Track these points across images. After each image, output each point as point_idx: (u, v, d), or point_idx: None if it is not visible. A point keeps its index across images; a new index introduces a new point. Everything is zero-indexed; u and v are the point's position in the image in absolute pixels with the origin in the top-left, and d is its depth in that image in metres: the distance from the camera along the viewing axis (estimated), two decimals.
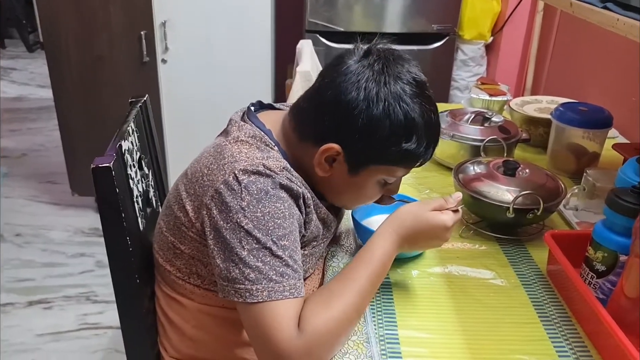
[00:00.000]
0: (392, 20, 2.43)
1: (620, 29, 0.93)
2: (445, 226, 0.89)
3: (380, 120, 0.82)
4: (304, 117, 0.89)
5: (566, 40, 2.12)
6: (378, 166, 0.87)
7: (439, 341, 0.86)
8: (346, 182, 0.90)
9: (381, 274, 0.87)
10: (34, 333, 2.01)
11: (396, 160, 0.87)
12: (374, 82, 0.82)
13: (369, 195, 0.94)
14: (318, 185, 0.92)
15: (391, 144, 0.84)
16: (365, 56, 0.85)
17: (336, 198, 0.96)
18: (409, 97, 0.83)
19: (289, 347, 0.75)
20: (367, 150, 0.85)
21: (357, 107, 0.82)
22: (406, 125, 0.83)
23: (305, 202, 0.87)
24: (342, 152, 0.85)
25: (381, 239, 0.88)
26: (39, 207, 2.81)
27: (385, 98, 0.82)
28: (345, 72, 0.83)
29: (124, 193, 0.90)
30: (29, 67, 4.89)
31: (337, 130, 0.85)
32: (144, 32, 2.29)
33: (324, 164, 0.87)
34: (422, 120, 0.84)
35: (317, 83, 0.89)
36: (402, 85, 0.83)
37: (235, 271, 0.78)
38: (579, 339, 0.86)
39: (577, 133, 1.35)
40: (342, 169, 0.88)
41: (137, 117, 1.07)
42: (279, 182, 0.82)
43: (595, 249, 0.88)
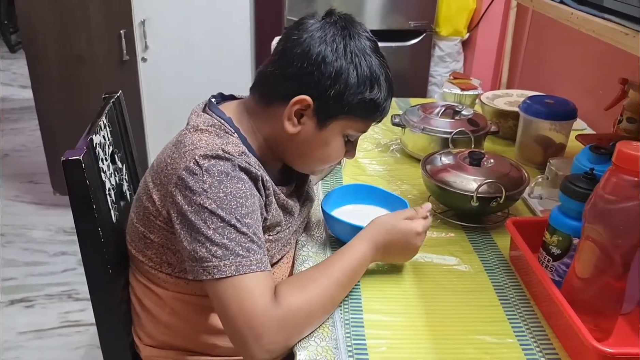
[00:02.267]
0: (370, 18, 2.46)
1: (574, 22, 0.97)
2: (416, 231, 0.95)
3: (349, 70, 0.89)
4: (271, 80, 0.94)
5: (538, 36, 2.17)
6: (345, 118, 0.93)
7: (402, 324, 0.89)
8: (314, 138, 0.94)
9: (356, 273, 0.92)
10: (16, 331, 2.02)
11: (361, 110, 0.93)
12: (340, 36, 0.89)
13: (333, 152, 0.98)
14: (285, 150, 0.97)
15: (358, 93, 0.90)
16: (327, 16, 0.92)
17: (302, 159, 0.99)
18: (371, 52, 0.91)
19: (263, 317, 0.78)
20: (335, 101, 0.90)
21: (326, 58, 0.88)
22: (370, 76, 0.90)
23: (264, 184, 0.90)
24: (313, 104, 0.90)
25: (360, 243, 0.94)
26: (21, 207, 2.81)
27: (352, 51, 0.89)
28: (311, 30, 0.90)
29: (95, 186, 0.92)
30: (11, 67, 4.87)
31: (307, 83, 0.89)
32: (124, 30, 2.31)
33: (293, 118, 0.91)
34: (383, 72, 0.92)
35: (280, 46, 0.94)
36: (364, 41, 0.91)
37: (202, 250, 0.81)
38: (536, 319, 0.90)
39: (544, 125, 1.39)
40: (311, 123, 0.92)
41: (110, 112, 1.09)
42: (238, 165, 0.85)
43: (551, 233, 0.92)
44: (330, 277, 0.87)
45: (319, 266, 0.90)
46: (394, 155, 1.49)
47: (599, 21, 0.89)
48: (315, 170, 1.06)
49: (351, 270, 0.90)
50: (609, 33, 0.85)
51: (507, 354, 0.83)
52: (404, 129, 1.46)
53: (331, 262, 0.90)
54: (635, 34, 0.79)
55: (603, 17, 0.90)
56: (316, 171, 1.09)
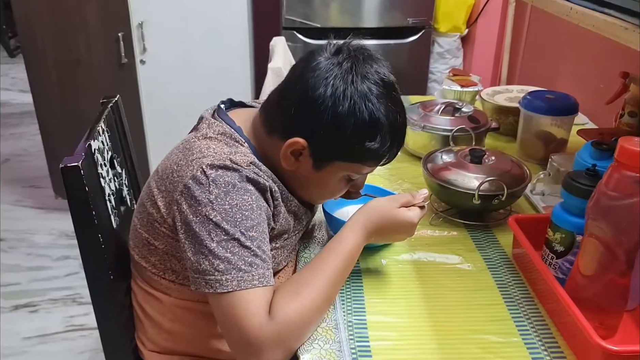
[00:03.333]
0: (368, 16, 2.45)
1: (573, 17, 0.97)
2: (412, 222, 0.93)
3: (346, 118, 0.84)
4: (273, 110, 0.92)
5: (538, 30, 2.16)
6: (342, 163, 0.90)
7: (405, 325, 0.88)
8: (311, 177, 0.92)
9: (349, 265, 0.90)
10: (20, 336, 2.02)
11: (360, 158, 0.90)
12: (341, 80, 0.84)
13: (333, 191, 0.97)
14: (286, 178, 0.95)
15: (355, 142, 0.86)
16: (336, 54, 0.87)
17: (302, 192, 0.98)
18: (375, 97, 0.85)
19: (259, 334, 0.78)
20: (331, 147, 0.88)
21: (323, 104, 0.84)
22: (370, 125, 0.85)
23: (272, 195, 0.89)
24: (307, 146, 0.87)
25: (350, 231, 0.91)
26: (23, 212, 2.81)
27: (352, 96, 0.84)
28: (314, 69, 0.86)
29: (95, 191, 0.92)
30: (10, 72, 4.86)
31: (303, 125, 0.87)
32: (122, 33, 2.30)
33: (289, 157, 0.89)
34: (387, 121, 0.86)
35: (288, 76, 0.92)
36: (368, 84, 0.85)
37: (205, 263, 0.80)
38: (540, 317, 0.90)
39: (545, 120, 1.39)
40: (307, 163, 0.90)
41: (108, 117, 1.08)
42: (246, 176, 0.84)
43: (554, 230, 0.91)
44: (323, 279, 0.85)
45: (312, 265, 0.87)
46: None
47: (598, 15, 0.89)
48: (316, 202, 1.04)
49: (344, 264, 0.88)
50: (608, 27, 0.84)
51: (511, 353, 0.83)
52: None
53: (324, 259, 0.88)
54: (634, 28, 0.78)
55: (602, 12, 0.90)
56: (317, 203, 1.06)
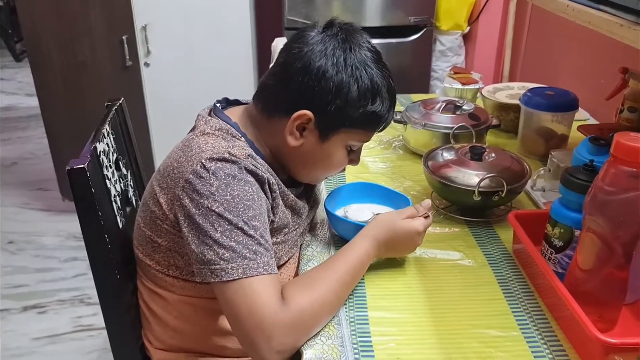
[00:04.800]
0: (370, 15, 2.46)
1: (570, 14, 0.98)
2: (417, 231, 0.97)
3: (349, 84, 0.89)
4: (272, 92, 0.95)
5: (539, 27, 2.17)
6: (347, 130, 0.94)
7: (407, 320, 0.90)
8: (316, 150, 0.95)
9: (359, 270, 0.93)
10: (29, 337, 2.05)
11: (363, 122, 0.94)
12: (340, 49, 0.89)
13: (337, 163, 1.00)
14: (288, 161, 0.98)
15: (359, 106, 0.91)
16: (328, 28, 0.92)
17: (306, 171, 1.01)
18: (372, 63, 0.91)
19: (273, 320, 0.79)
20: (337, 114, 0.91)
21: (327, 72, 0.88)
22: (372, 89, 0.91)
23: (270, 187, 0.91)
24: (314, 118, 0.91)
25: (363, 240, 0.94)
26: (31, 214, 2.84)
27: (352, 64, 0.89)
28: (311, 43, 0.90)
29: (101, 193, 0.94)
30: (17, 76, 4.91)
31: (308, 98, 0.90)
32: (126, 36, 2.33)
33: (295, 132, 0.92)
34: (385, 82, 0.92)
35: (281, 58, 0.94)
36: (364, 52, 0.91)
37: (210, 253, 0.82)
38: (540, 311, 0.91)
39: (545, 117, 1.39)
40: (312, 136, 0.93)
41: (112, 120, 1.10)
42: (245, 167, 0.86)
43: (553, 225, 0.92)
44: (335, 276, 0.88)
45: (324, 265, 0.91)
46: (397, 152, 1.49)
47: (593, 12, 0.90)
48: (318, 180, 1.08)
49: (355, 268, 0.91)
50: (603, 24, 0.85)
51: (512, 347, 0.84)
52: (405, 126, 1.46)
53: (335, 261, 0.91)
54: (629, 24, 0.79)
55: (598, 9, 0.91)
56: (319, 181, 1.11)
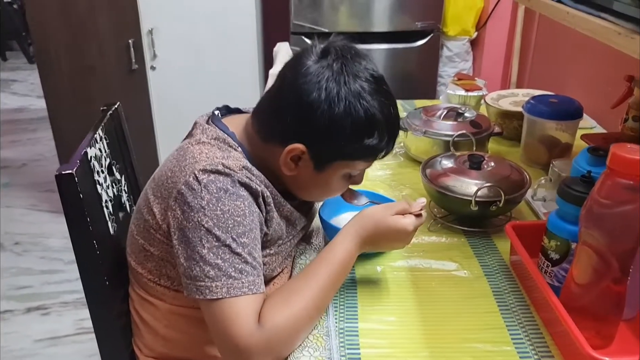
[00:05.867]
0: (377, 20, 2.45)
1: (570, 21, 0.95)
2: (406, 230, 0.90)
3: (342, 119, 0.85)
4: (267, 118, 0.92)
5: (547, 33, 2.14)
6: (342, 162, 0.91)
7: (397, 332, 0.88)
8: (312, 179, 0.93)
9: (342, 273, 0.89)
10: (32, 339, 2.06)
11: (359, 155, 0.91)
12: (334, 82, 0.85)
13: (335, 189, 0.98)
14: (286, 182, 0.95)
15: (354, 140, 0.87)
16: (324, 56, 0.87)
17: (304, 194, 0.99)
18: (368, 94, 0.86)
19: (248, 342, 0.78)
20: (330, 149, 0.88)
21: (319, 108, 0.84)
22: (367, 122, 0.86)
23: (264, 200, 0.89)
24: (307, 151, 0.88)
25: (342, 240, 0.90)
26: (38, 216, 2.86)
27: (346, 97, 0.85)
28: (305, 74, 0.86)
29: (90, 199, 0.93)
30: (29, 78, 4.96)
31: (300, 131, 0.87)
32: (132, 40, 2.33)
33: (289, 163, 0.90)
34: (382, 116, 0.88)
35: (277, 83, 0.92)
36: (361, 83, 0.86)
37: (197, 269, 0.81)
38: (535, 326, 0.88)
39: (549, 125, 1.37)
40: (307, 166, 0.91)
41: (107, 124, 1.10)
42: (238, 180, 0.84)
43: (549, 238, 0.90)
44: (314, 287, 0.85)
45: (303, 274, 0.87)
46: (397, 159, 1.48)
47: (593, 20, 0.87)
48: (319, 200, 1.07)
49: (336, 274, 0.87)
50: (603, 32, 0.83)
51: None
52: (406, 132, 1.45)
53: (315, 268, 0.87)
54: (628, 33, 0.77)
55: (599, 16, 0.88)
56: (320, 201, 1.08)
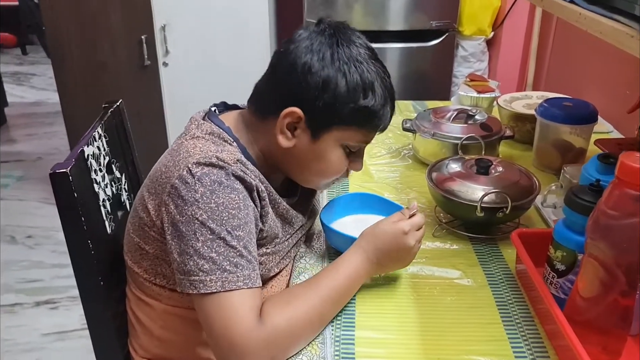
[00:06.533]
0: (391, 18, 2.41)
1: (582, 23, 0.92)
2: (403, 230, 0.91)
3: (337, 78, 0.85)
4: (263, 93, 0.93)
5: (566, 34, 2.09)
6: (339, 128, 0.89)
7: (395, 342, 0.85)
8: (309, 151, 0.91)
9: (349, 288, 0.89)
10: (40, 332, 2.07)
11: (355, 119, 0.89)
12: (326, 45, 0.86)
13: (333, 165, 0.94)
14: (284, 165, 0.94)
15: (349, 100, 0.86)
16: (317, 25, 0.89)
17: (303, 174, 0.97)
18: (364, 59, 0.87)
19: (247, 338, 0.76)
20: (326, 111, 0.87)
21: (312, 68, 0.85)
22: (363, 83, 0.86)
23: (259, 195, 0.88)
24: (304, 116, 0.87)
25: (350, 255, 0.91)
26: (51, 209, 2.87)
27: (340, 59, 0.86)
28: (298, 40, 0.88)
29: (86, 197, 0.92)
30: (48, 72, 5.00)
31: (296, 95, 0.87)
32: (144, 36, 2.33)
33: (286, 131, 0.89)
34: (378, 79, 0.88)
35: (273, 59, 0.93)
36: (356, 49, 0.87)
37: (190, 263, 0.79)
38: (539, 339, 0.85)
39: (562, 129, 1.33)
40: (305, 136, 0.89)
41: (107, 122, 1.09)
42: (232, 173, 0.83)
43: (555, 248, 0.87)
44: (319, 294, 0.84)
45: (309, 281, 0.87)
46: (405, 161, 1.45)
47: (605, 22, 0.84)
48: (319, 185, 1.02)
49: (343, 285, 0.87)
50: (614, 35, 0.80)
51: None
52: (415, 134, 1.42)
53: (322, 277, 0.87)
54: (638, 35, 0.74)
55: (612, 18, 0.85)
56: (320, 186, 1.04)
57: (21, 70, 5.14)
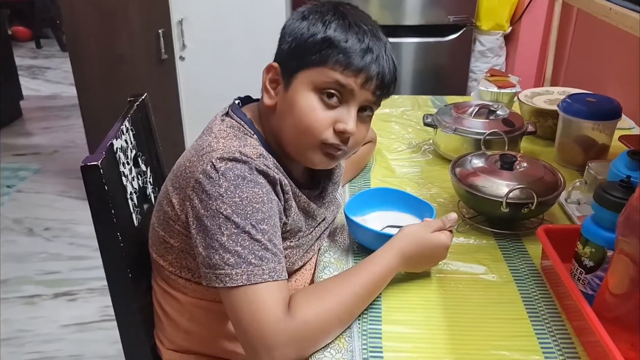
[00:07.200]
0: (409, 13, 2.41)
1: (612, 18, 0.91)
2: (446, 245, 0.93)
3: (301, 27, 0.88)
4: None
5: (585, 29, 2.07)
6: (305, 70, 0.88)
7: (422, 336, 0.85)
8: (285, 102, 0.90)
9: (379, 285, 0.89)
10: (59, 324, 2.09)
11: (318, 56, 0.86)
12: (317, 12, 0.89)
13: (305, 113, 0.87)
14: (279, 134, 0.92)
15: (309, 38, 0.86)
16: None
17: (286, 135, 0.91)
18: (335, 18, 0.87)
19: (274, 330, 0.76)
20: (292, 55, 0.89)
21: (286, 26, 0.91)
22: (323, 22, 0.87)
23: (282, 188, 0.88)
24: (279, 68, 0.90)
25: (386, 254, 0.90)
26: (68, 202, 2.91)
27: (308, 14, 0.89)
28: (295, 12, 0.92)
29: (115, 190, 0.93)
30: (63, 66, 5.05)
31: (275, 55, 0.93)
32: (162, 30, 2.34)
33: (268, 88, 0.92)
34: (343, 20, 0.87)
35: None
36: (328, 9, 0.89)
37: (216, 257, 0.80)
38: (566, 335, 0.85)
39: (585, 125, 1.32)
40: (280, 88, 0.91)
41: (133, 116, 1.10)
42: (256, 167, 0.83)
43: (584, 244, 0.86)
44: (349, 289, 0.84)
45: (340, 276, 0.88)
46: (426, 156, 1.44)
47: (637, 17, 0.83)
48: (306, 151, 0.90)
49: (373, 282, 0.87)
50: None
51: None
52: (436, 129, 1.41)
53: (353, 272, 0.87)
54: None
55: None
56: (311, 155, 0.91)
57: (36, 64, 5.18)
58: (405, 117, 1.68)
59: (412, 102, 1.80)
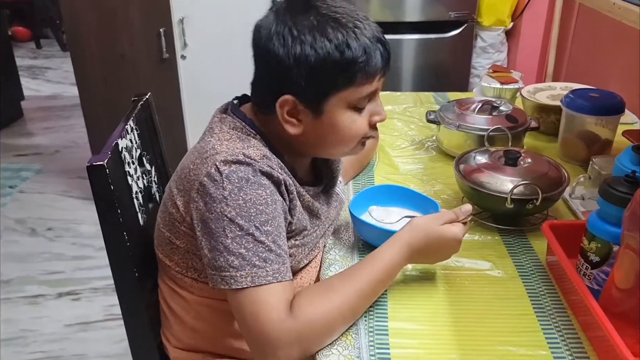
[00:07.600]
0: (409, 9, 2.40)
1: (616, 13, 0.91)
2: (457, 238, 0.90)
3: (306, 52, 0.82)
4: (256, 91, 0.93)
5: (587, 24, 2.06)
6: (334, 94, 0.86)
7: (428, 333, 0.86)
8: (321, 127, 0.89)
9: (384, 281, 0.88)
10: (62, 324, 2.09)
11: (344, 78, 0.85)
12: (282, 24, 0.83)
13: (350, 129, 0.90)
14: (306, 148, 0.93)
15: (327, 66, 0.83)
16: (272, 6, 0.89)
17: (328, 150, 0.95)
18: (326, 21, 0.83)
19: (278, 330, 0.77)
20: (312, 85, 0.85)
21: (279, 54, 0.83)
22: (334, 45, 0.82)
23: (287, 188, 0.88)
24: (297, 99, 0.86)
25: (392, 248, 0.89)
26: (70, 202, 2.91)
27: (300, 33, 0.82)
28: (260, 28, 0.87)
29: (121, 190, 0.93)
30: (63, 65, 5.04)
31: (279, 84, 0.86)
32: (163, 29, 2.33)
33: (290, 119, 0.88)
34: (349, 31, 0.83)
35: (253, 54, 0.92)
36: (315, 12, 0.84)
37: (221, 259, 0.80)
38: (572, 330, 0.85)
39: (588, 120, 1.32)
40: (308, 117, 0.88)
41: (138, 115, 1.10)
42: (259, 169, 0.84)
43: (589, 239, 0.87)
44: (352, 287, 0.84)
45: (343, 274, 0.87)
46: (429, 153, 1.44)
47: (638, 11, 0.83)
48: (353, 150, 0.95)
49: (377, 279, 0.86)
50: None
51: None
52: (439, 126, 1.42)
53: (357, 270, 0.87)
54: None
55: None
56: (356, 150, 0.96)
57: (36, 64, 5.17)
58: (408, 114, 1.68)
59: (415, 98, 1.80)
